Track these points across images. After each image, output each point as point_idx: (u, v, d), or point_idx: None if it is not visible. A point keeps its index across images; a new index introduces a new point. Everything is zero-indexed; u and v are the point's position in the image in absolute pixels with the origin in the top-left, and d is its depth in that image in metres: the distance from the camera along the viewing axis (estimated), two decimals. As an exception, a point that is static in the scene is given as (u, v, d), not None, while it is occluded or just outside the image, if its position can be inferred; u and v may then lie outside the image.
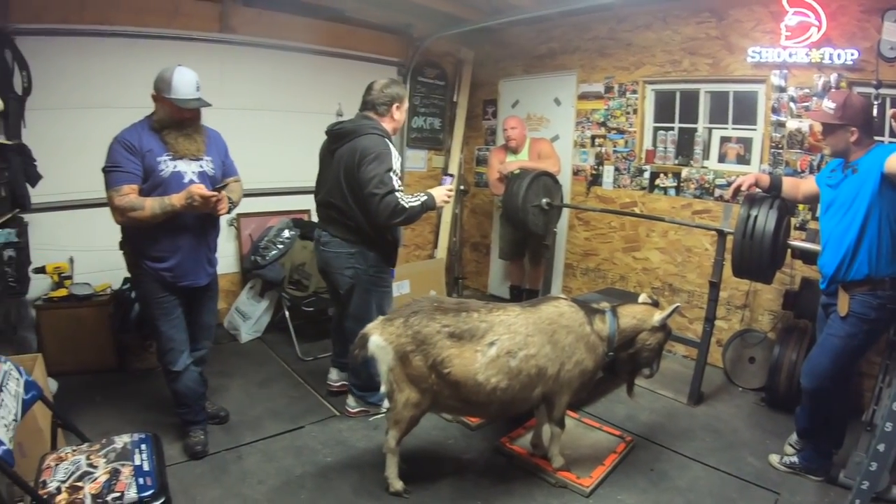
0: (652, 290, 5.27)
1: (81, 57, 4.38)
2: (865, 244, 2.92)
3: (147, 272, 3.11)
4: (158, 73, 3.03)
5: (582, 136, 5.88)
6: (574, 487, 3.13)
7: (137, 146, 2.96)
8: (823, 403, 3.20)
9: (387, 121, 3.47)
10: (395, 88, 3.49)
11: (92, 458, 2.28)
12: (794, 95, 4.36)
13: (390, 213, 3.18)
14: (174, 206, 2.92)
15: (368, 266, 3.52)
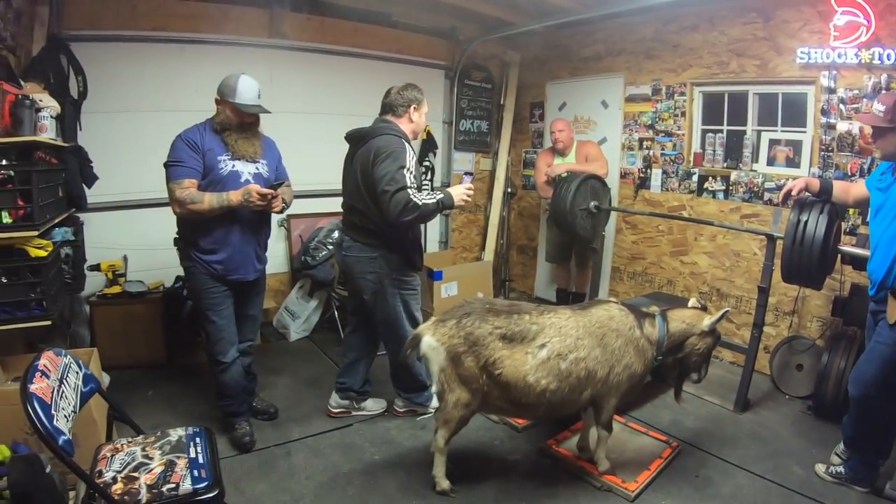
0: (699, 295, 5.23)
1: (134, 62, 4.57)
2: None
3: (199, 264, 3.31)
4: (224, 79, 3.26)
5: (629, 139, 5.87)
6: (619, 491, 3.15)
7: (199, 144, 3.19)
8: (870, 412, 3.16)
9: (404, 122, 3.47)
10: (412, 92, 3.51)
11: (147, 449, 2.35)
12: (844, 97, 4.29)
13: (401, 210, 3.12)
14: (231, 201, 3.15)
15: (392, 269, 3.49)
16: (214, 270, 3.31)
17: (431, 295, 5.73)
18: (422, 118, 3.58)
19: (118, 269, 4.54)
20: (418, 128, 3.58)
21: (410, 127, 3.51)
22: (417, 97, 3.51)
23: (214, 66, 4.57)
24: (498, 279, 6.87)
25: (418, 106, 3.52)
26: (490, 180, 7.04)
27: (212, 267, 3.30)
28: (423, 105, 3.57)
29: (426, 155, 6.28)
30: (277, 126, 4.75)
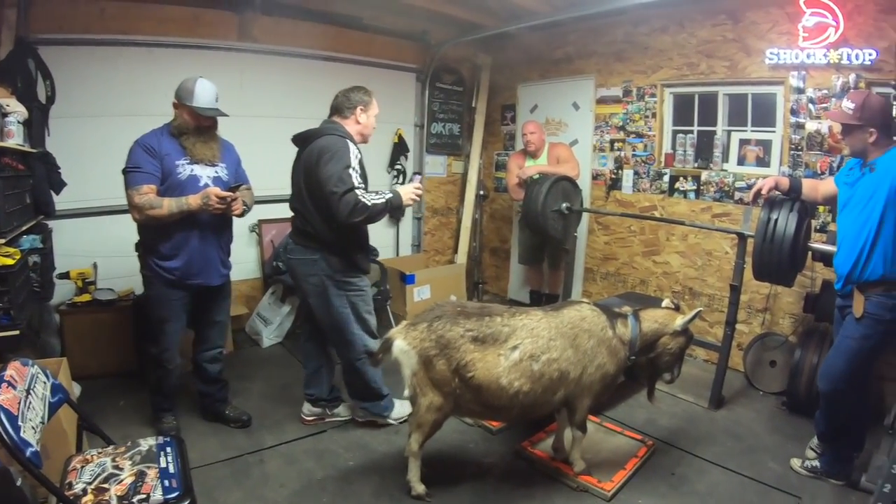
0: (672, 294, 5.26)
1: (103, 66, 4.49)
2: (881, 244, 2.91)
3: (156, 271, 3.30)
4: (181, 83, 3.25)
5: (601, 141, 5.89)
6: (595, 491, 3.14)
7: (157, 149, 3.19)
8: (841, 406, 3.19)
9: (350, 123, 3.40)
10: (359, 94, 3.43)
11: (117, 460, 2.31)
12: (813, 97, 4.34)
13: (350, 211, 3.07)
14: (191, 205, 3.15)
15: (334, 272, 3.39)
16: (173, 276, 3.31)
17: (404, 299, 5.69)
18: (370, 119, 3.49)
19: (88, 277, 4.44)
20: (366, 129, 3.49)
21: (357, 128, 3.43)
22: (364, 99, 3.44)
23: (185, 69, 4.49)
24: (471, 282, 6.86)
25: (365, 107, 3.44)
26: (462, 183, 7.05)
27: (171, 273, 3.30)
28: (372, 107, 3.49)
29: (398, 158, 6.28)
30: (248, 130, 4.71)
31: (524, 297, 6.47)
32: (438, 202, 6.96)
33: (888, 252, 2.90)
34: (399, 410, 3.76)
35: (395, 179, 6.29)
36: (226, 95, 4.28)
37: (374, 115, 3.50)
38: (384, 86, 6.03)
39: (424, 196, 6.68)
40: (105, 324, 4.35)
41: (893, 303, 2.93)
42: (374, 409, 3.74)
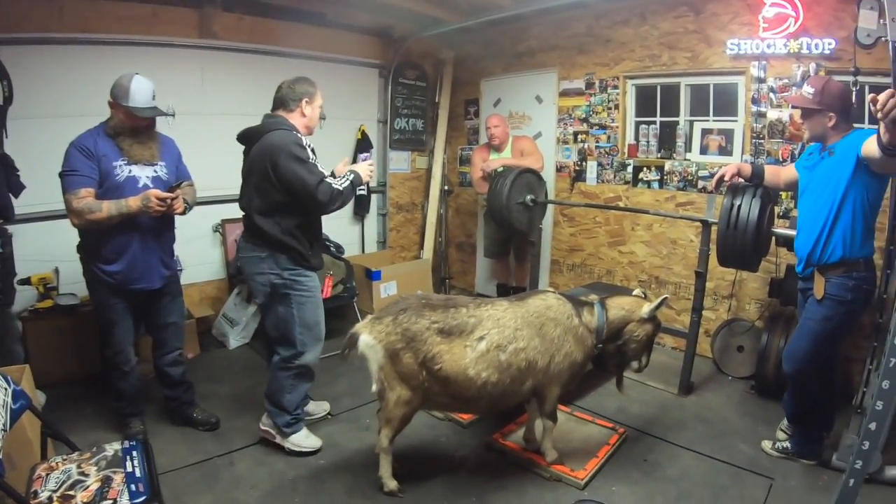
0: (638, 283, 5.30)
1: (62, 65, 4.35)
2: (840, 227, 2.95)
3: (98, 276, 3.22)
4: (116, 81, 3.14)
5: (564, 133, 5.90)
6: (568, 480, 3.13)
7: (93, 151, 3.08)
8: (807, 387, 3.23)
9: (296, 116, 3.27)
10: (304, 85, 3.30)
11: (83, 466, 2.26)
12: (774, 86, 4.40)
13: (329, 200, 3.06)
14: (131, 208, 3.05)
15: (282, 270, 3.25)
16: (114, 281, 3.22)
17: (371, 295, 5.63)
18: (315, 111, 3.35)
19: (49, 282, 4.32)
20: (311, 122, 3.36)
21: (303, 121, 3.30)
22: (309, 90, 3.30)
23: (145, 67, 4.37)
24: (437, 277, 6.84)
25: (311, 99, 3.30)
26: (426, 178, 7.01)
27: (112, 278, 3.22)
28: (317, 98, 3.35)
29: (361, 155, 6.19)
30: (210, 128, 4.60)
31: (491, 290, 6.44)
32: (403, 198, 6.92)
33: (847, 234, 2.94)
34: (302, 439, 3.44)
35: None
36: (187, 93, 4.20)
37: (318, 107, 3.38)
38: (347, 82, 6.02)
39: (389, 192, 6.67)
40: (68, 329, 4.23)
41: (854, 283, 2.98)
42: (276, 416, 3.43)
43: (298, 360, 3.34)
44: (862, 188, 2.88)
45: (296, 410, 3.41)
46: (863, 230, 2.95)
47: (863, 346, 3.88)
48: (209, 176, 4.71)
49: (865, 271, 2.99)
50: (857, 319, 3.18)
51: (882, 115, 2.20)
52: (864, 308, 3.13)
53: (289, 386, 3.36)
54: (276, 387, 3.39)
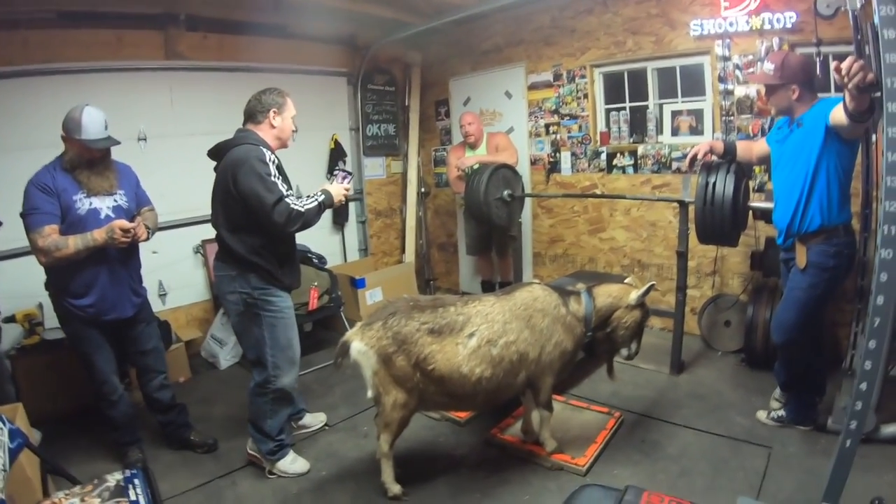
0: (621, 269, 5.36)
1: (30, 97, 4.30)
2: (816, 195, 3.00)
3: (70, 310, 3.18)
4: (67, 114, 3.11)
5: (536, 126, 5.94)
6: (570, 468, 3.15)
7: (52, 187, 3.05)
8: (797, 355, 3.27)
9: (265, 129, 3.15)
10: (271, 95, 3.16)
11: (86, 499, 2.23)
12: (739, 63, 4.46)
13: (286, 221, 2.90)
14: (97, 240, 3.03)
15: (252, 289, 3.12)
16: (87, 314, 3.19)
17: (357, 303, 5.61)
18: (286, 123, 3.21)
19: (35, 318, 4.25)
20: (283, 133, 3.22)
21: (273, 133, 3.18)
22: (277, 101, 3.17)
23: (113, 93, 4.42)
24: (422, 279, 6.84)
25: (279, 110, 3.17)
26: (403, 182, 7.00)
27: (84, 311, 3.18)
28: (287, 108, 3.21)
29: (336, 164, 6.18)
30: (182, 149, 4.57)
31: (476, 288, 6.46)
32: (381, 204, 6.91)
33: (824, 202, 2.99)
34: (288, 465, 3.34)
35: (337, 186, 6.21)
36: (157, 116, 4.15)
37: (290, 118, 3.23)
38: (316, 92, 6.00)
39: (367, 199, 6.64)
40: (58, 364, 4.12)
41: (835, 250, 3.03)
42: (259, 443, 3.35)
43: (273, 384, 3.22)
44: (834, 155, 2.93)
45: (279, 436, 3.32)
46: (839, 197, 3.00)
47: (847, 310, 3.95)
48: (185, 197, 4.69)
49: (845, 237, 3.04)
50: (840, 284, 3.24)
51: (847, 82, 2.25)
52: (846, 273, 3.18)
53: (269, 411, 3.27)
54: (257, 412, 3.30)
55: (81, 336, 3.25)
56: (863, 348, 2.19)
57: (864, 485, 2.79)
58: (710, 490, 2.95)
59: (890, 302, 2.08)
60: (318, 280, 5.05)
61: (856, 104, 2.47)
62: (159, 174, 3.58)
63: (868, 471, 2.93)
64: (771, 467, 3.11)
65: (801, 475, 3.03)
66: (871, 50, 3.07)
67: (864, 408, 2.18)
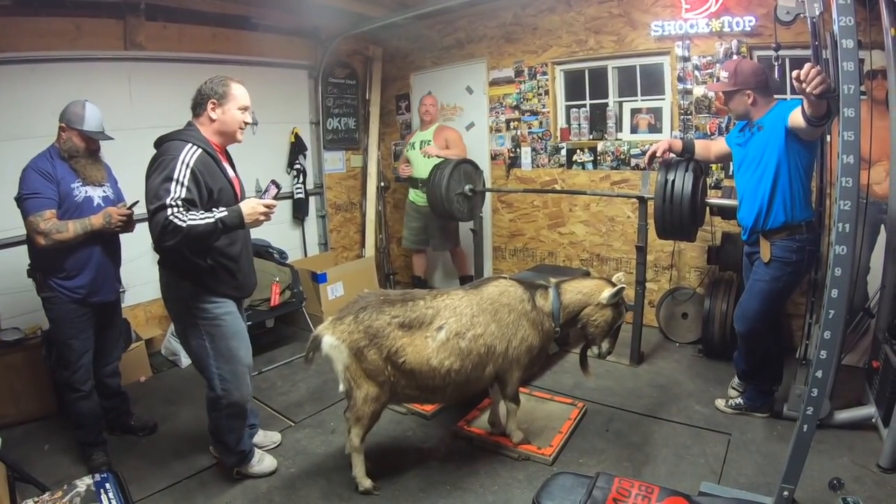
0: (581, 263, 5.47)
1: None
2: (779, 194, 3.13)
3: (59, 292, 3.20)
4: (69, 107, 3.20)
5: (497, 121, 6.00)
6: (537, 458, 3.21)
7: (53, 174, 3.12)
8: (758, 344, 3.41)
9: (203, 122, 2.84)
10: (210, 85, 2.83)
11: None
12: (698, 64, 4.60)
13: (160, 234, 2.55)
14: (94, 225, 3.17)
15: (188, 297, 2.87)
16: (77, 295, 3.22)
17: (319, 298, 5.59)
18: (229, 115, 2.85)
19: (-10, 319, 4.12)
20: (226, 127, 2.86)
21: (212, 127, 2.84)
22: (217, 90, 2.82)
23: (70, 85, 4.28)
24: (382, 274, 6.83)
25: (219, 101, 2.82)
26: (363, 176, 6.98)
27: (75, 293, 3.21)
28: (230, 99, 2.83)
29: (296, 158, 6.13)
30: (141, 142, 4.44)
31: (439, 282, 6.52)
32: (341, 198, 6.87)
33: (787, 200, 3.13)
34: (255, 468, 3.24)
35: (296, 179, 6.15)
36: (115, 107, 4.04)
37: (236, 109, 2.85)
38: (277, 85, 5.93)
39: (327, 193, 6.59)
40: (16, 366, 3.98)
41: (797, 245, 3.18)
42: (222, 454, 3.22)
43: (225, 399, 3.00)
44: (795, 155, 3.07)
45: (239, 447, 3.14)
46: (801, 194, 3.14)
47: (801, 303, 4.13)
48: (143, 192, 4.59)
49: (808, 233, 3.18)
50: (802, 278, 3.41)
51: (805, 88, 2.36)
52: (808, 267, 3.37)
53: (226, 427, 3.08)
54: (214, 426, 3.13)
55: (67, 318, 3.25)
56: (818, 339, 2.30)
57: (821, 467, 2.96)
58: (673, 476, 3.05)
59: (843, 295, 2.19)
60: (280, 275, 5.01)
61: (814, 109, 2.60)
62: (117, 168, 3.49)
63: (824, 454, 3.10)
64: (731, 453, 3.23)
65: (760, 460, 3.16)
66: (829, 55, 3.22)
67: (819, 394, 2.29)
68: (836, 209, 2.15)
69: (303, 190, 6.19)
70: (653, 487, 1.98)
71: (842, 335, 2.28)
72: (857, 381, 3.66)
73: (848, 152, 2.09)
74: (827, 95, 2.39)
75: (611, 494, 1.95)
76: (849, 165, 2.09)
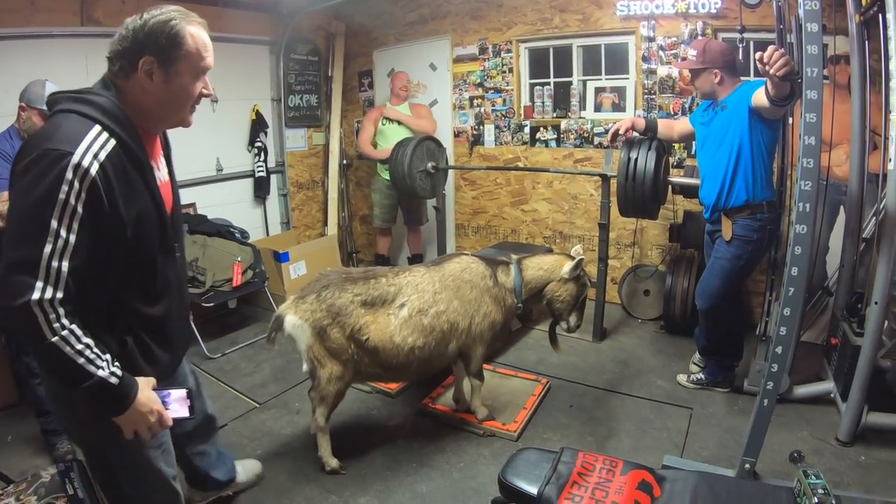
0: (544, 240, 5.50)
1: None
2: (741, 173, 3.17)
3: None
4: (29, 87, 3.10)
5: (460, 99, 5.96)
6: (502, 434, 3.24)
7: (12, 154, 2.95)
8: (719, 321, 3.47)
9: (129, 87, 1.70)
10: (155, 27, 1.70)
11: (22, 498, 2.17)
12: (663, 44, 4.62)
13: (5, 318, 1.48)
14: None
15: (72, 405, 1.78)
16: None
17: (281, 278, 5.53)
18: (175, 83, 1.69)
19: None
20: (168, 102, 1.73)
21: (146, 100, 1.71)
22: (160, 40, 1.69)
23: (25, 62, 4.13)
24: (344, 252, 6.78)
25: (162, 60, 1.68)
26: (325, 154, 6.89)
27: None
28: (181, 59, 1.69)
29: (257, 136, 6.02)
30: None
31: (402, 261, 6.50)
32: (303, 176, 6.77)
33: (749, 179, 3.17)
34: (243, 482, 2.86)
35: (257, 157, 6.04)
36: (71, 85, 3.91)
37: (188, 75, 1.72)
38: (237, 61, 5.78)
39: (288, 171, 6.49)
40: None
41: (759, 224, 3.22)
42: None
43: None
44: (758, 135, 3.11)
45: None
46: (763, 174, 3.19)
47: (761, 281, 4.22)
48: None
49: (769, 212, 3.23)
50: (762, 256, 3.47)
51: (769, 70, 2.39)
52: (769, 246, 3.44)
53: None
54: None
55: None
56: (778, 315, 2.35)
57: (781, 441, 3.04)
58: (637, 450, 3.10)
59: (803, 273, 2.24)
60: (241, 255, 4.94)
61: (777, 90, 2.63)
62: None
63: (784, 428, 3.18)
64: (693, 427, 3.30)
65: (721, 433, 3.23)
66: (794, 39, 3.26)
67: (779, 369, 2.35)
68: (797, 189, 2.19)
69: (264, 168, 6.07)
70: (617, 461, 2.00)
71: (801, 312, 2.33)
72: (816, 357, 3.75)
73: (810, 134, 2.13)
74: (790, 78, 2.42)
75: (575, 469, 1.95)
76: (810, 146, 2.13)
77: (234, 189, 5.93)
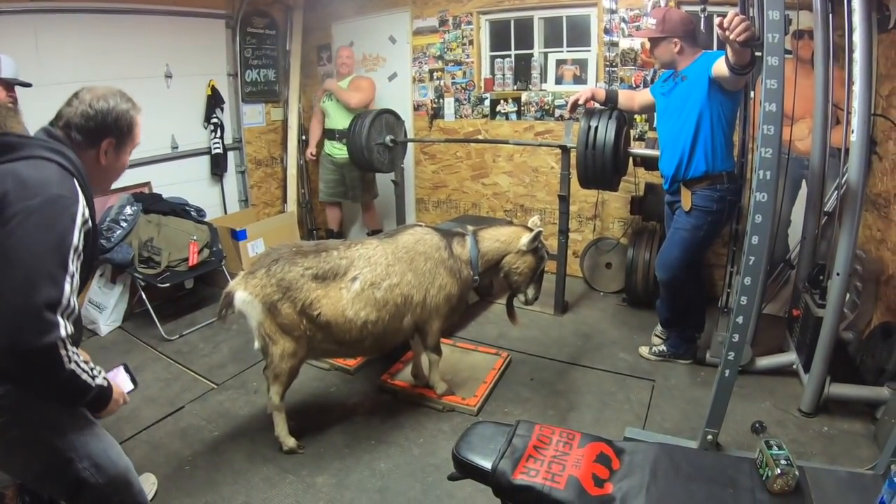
0: (504, 213, 5.47)
1: None
2: (700, 144, 3.14)
3: None
4: None
5: (420, 72, 5.86)
6: (461, 409, 3.20)
7: None
8: (680, 292, 3.46)
9: (86, 160, 1.81)
10: (118, 111, 1.83)
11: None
12: (626, 16, 4.56)
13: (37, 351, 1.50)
14: None
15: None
16: None
17: (239, 256, 5.41)
18: (122, 161, 1.93)
19: None
20: (109, 176, 1.97)
21: (97, 170, 1.87)
22: (122, 124, 1.85)
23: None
24: (304, 229, 6.68)
25: (120, 140, 1.87)
26: (283, 130, 6.74)
27: None
28: (129, 140, 1.91)
29: (213, 112, 5.85)
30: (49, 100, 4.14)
31: (354, 235, 6.47)
32: (261, 153, 6.61)
33: (708, 150, 3.15)
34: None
35: (213, 134, 5.87)
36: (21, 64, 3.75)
37: (129, 153, 1.95)
38: (193, 36, 5.60)
39: (246, 148, 6.33)
40: None
41: (718, 195, 3.21)
42: None
43: None
44: (717, 106, 3.08)
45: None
46: (723, 145, 3.17)
47: (722, 253, 4.24)
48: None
49: (729, 183, 3.22)
50: (722, 227, 3.45)
51: (728, 35, 2.34)
52: (728, 217, 3.41)
53: None
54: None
55: None
56: (739, 285, 2.32)
57: (743, 411, 3.05)
58: (599, 422, 3.09)
59: (763, 242, 2.22)
60: (197, 234, 4.80)
61: (737, 58, 2.58)
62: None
63: (746, 399, 3.20)
64: (655, 398, 3.30)
65: (683, 405, 3.24)
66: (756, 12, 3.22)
67: (740, 340, 2.33)
68: (758, 156, 2.15)
69: (220, 145, 5.88)
70: (574, 434, 1.95)
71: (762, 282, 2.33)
72: (778, 329, 3.77)
73: (770, 100, 2.10)
74: (751, 43, 2.38)
75: (531, 442, 1.91)
76: (771, 113, 2.10)
77: (190, 167, 5.74)
